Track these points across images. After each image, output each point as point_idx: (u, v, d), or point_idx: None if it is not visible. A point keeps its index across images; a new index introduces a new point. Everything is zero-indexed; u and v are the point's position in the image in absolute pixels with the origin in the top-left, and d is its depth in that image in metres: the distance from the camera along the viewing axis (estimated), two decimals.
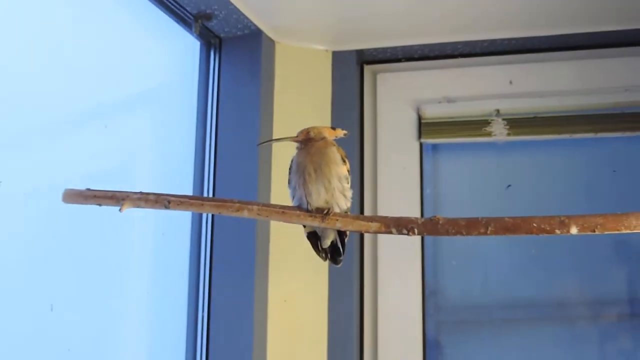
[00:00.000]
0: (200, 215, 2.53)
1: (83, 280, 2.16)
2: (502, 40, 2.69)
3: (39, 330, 1.97)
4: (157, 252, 2.45)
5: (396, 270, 2.68)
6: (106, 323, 2.24)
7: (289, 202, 1.80)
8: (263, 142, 2.51)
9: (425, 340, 2.64)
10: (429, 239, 2.73)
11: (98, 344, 2.21)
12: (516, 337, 2.68)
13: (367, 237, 2.70)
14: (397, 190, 2.74)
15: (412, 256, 2.69)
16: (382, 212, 2.69)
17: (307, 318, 2.58)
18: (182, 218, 2.51)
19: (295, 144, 1.83)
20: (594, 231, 1.64)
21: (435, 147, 2.83)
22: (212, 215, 2.51)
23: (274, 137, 2.56)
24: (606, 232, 1.65)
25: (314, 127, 1.82)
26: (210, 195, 2.53)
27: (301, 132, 1.82)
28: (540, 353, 2.64)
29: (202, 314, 2.48)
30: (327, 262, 1.92)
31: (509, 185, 2.76)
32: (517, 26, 2.63)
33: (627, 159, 2.71)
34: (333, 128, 1.84)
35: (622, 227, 1.64)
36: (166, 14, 2.46)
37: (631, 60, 2.66)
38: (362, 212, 2.68)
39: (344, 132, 1.86)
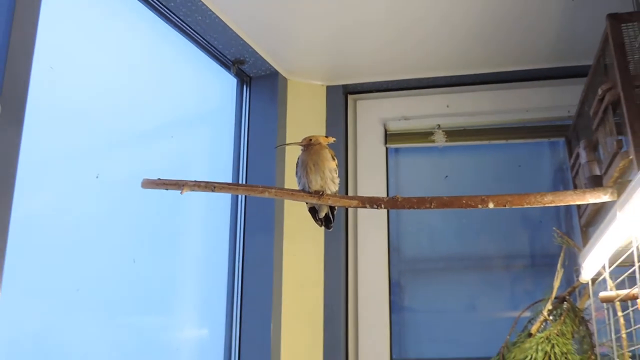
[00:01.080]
0: (237, 196, 2.52)
1: (156, 240, 2.15)
2: (441, 77, 2.69)
3: (125, 276, 1.97)
4: (207, 221, 2.44)
5: (370, 233, 2.66)
6: (173, 270, 2.23)
7: (296, 186, 1.79)
8: (279, 145, 2.50)
9: (391, 282, 2.62)
10: (393, 212, 2.72)
11: (167, 286, 2.20)
12: (452, 280, 2.67)
13: (350, 210, 2.68)
14: (370, 179, 2.72)
15: (380, 224, 2.66)
16: (360, 194, 2.67)
17: (309, 267, 2.56)
18: (224, 198, 2.49)
19: (300, 147, 1.82)
20: (505, 205, 1.63)
21: (396, 150, 2.81)
22: (245, 196, 2.50)
23: (286, 143, 2.55)
24: (514, 207, 1.64)
25: (313, 135, 1.82)
26: (243, 182, 2.52)
27: (304, 139, 1.82)
28: (469, 292, 2.62)
29: (239, 265, 2.47)
30: (322, 228, 1.91)
31: (447, 176, 2.74)
32: (451, 67, 2.63)
33: (528, 158, 2.69)
34: (326, 136, 1.84)
35: (525, 203, 1.63)
36: (212, 60, 2.49)
37: (529, 91, 2.66)
38: (346, 193, 2.66)
39: (334, 139, 1.86)
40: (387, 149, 2.77)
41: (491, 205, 1.63)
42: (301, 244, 2.55)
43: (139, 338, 2.03)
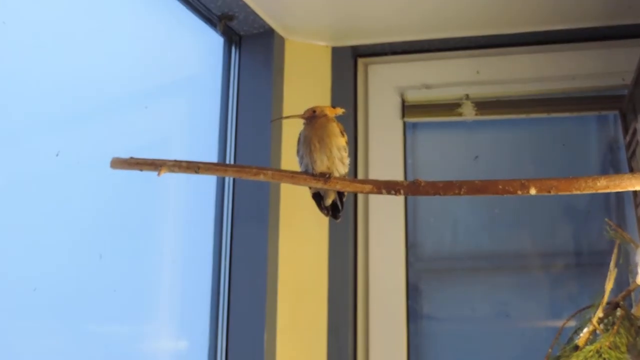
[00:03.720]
0: (224, 179, 2.52)
1: (127, 233, 2.15)
2: (470, 37, 2.68)
3: (91, 274, 1.97)
4: (188, 210, 2.45)
5: (383, 226, 2.66)
6: (146, 269, 2.24)
7: (297, 168, 1.80)
8: (275, 119, 2.50)
9: (408, 284, 2.62)
10: (410, 200, 2.72)
11: (139, 286, 2.21)
12: (480, 283, 2.67)
13: (360, 198, 2.69)
14: (384, 160, 2.73)
15: (396, 214, 2.67)
16: (372, 177, 2.67)
17: (311, 265, 2.57)
18: (208, 182, 2.49)
19: (302, 121, 1.82)
20: (550, 192, 1.63)
21: (415, 125, 2.81)
22: (233, 180, 2.50)
23: (284, 116, 2.55)
24: (559, 193, 1.64)
25: (317, 106, 1.83)
26: (232, 162, 2.52)
27: (307, 110, 1.83)
28: (500, 296, 2.63)
29: (225, 262, 2.47)
30: (328, 218, 1.91)
31: (477, 157, 2.74)
32: (482, 26, 2.62)
33: (574, 135, 2.70)
34: (333, 107, 1.84)
35: (574, 189, 1.64)
36: (196, 15, 2.48)
37: (576, 54, 2.65)
38: (355, 176, 2.66)
39: (342, 110, 1.86)
40: (404, 123, 2.77)
41: (533, 192, 1.63)
42: (301, 238, 2.56)
43: (105, 349, 2.03)
